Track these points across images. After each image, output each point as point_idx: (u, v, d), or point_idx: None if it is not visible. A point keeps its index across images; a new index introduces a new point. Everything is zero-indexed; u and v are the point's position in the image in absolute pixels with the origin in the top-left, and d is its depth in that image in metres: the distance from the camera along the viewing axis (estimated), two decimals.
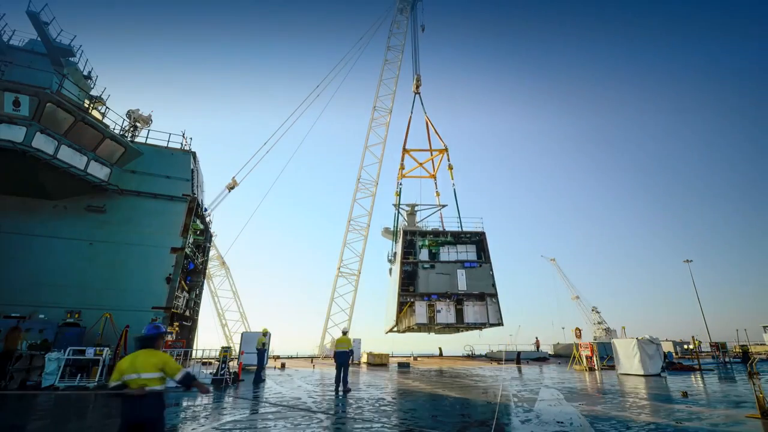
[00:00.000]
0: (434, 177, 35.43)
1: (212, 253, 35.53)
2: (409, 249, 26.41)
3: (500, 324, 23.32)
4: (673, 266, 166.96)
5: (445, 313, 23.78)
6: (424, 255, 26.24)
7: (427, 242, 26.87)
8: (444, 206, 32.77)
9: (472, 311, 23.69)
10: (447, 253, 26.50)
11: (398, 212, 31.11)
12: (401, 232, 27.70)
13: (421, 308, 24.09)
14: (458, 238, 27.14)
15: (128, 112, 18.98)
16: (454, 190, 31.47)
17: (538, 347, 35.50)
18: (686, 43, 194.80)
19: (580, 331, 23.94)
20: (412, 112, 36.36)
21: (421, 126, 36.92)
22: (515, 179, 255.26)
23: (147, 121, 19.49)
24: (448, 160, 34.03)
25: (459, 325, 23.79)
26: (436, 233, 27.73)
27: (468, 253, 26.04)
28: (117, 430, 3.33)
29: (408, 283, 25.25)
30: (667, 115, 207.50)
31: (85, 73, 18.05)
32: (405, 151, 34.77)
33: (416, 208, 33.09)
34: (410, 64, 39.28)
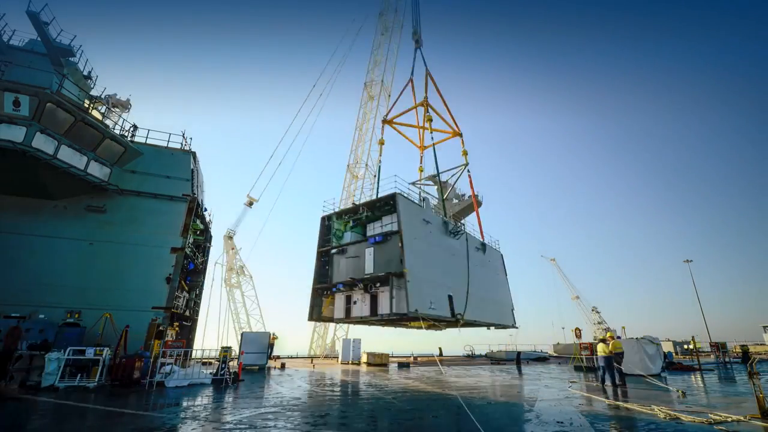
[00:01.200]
0: (459, 134, 29.82)
1: (238, 264, 35.38)
2: (326, 235, 22.28)
3: (409, 313, 16.82)
4: (673, 266, 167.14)
5: (360, 304, 19.14)
6: (347, 238, 21.64)
7: (343, 224, 22.39)
8: (465, 166, 28.86)
9: (385, 299, 18.03)
10: (372, 230, 21.41)
11: (377, 186, 24.76)
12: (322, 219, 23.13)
13: (339, 301, 20.28)
14: (374, 210, 21.06)
15: (105, 97, 18.31)
16: (434, 148, 27.41)
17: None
18: (686, 41, 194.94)
19: (580, 331, 23.80)
20: (413, 74, 30.88)
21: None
22: (515, 177, 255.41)
23: (126, 105, 19.11)
24: (430, 124, 28.85)
25: (373, 318, 18.60)
26: (347, 211, 22.64)
27: (392, 224, 19.88)
28: None
29: (324, 273, 21.65)
30: (666, 112, 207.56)
31: (85, 73, 18.03)
32: (386, 122, 29.64)
33: (437, 178, 28.22)
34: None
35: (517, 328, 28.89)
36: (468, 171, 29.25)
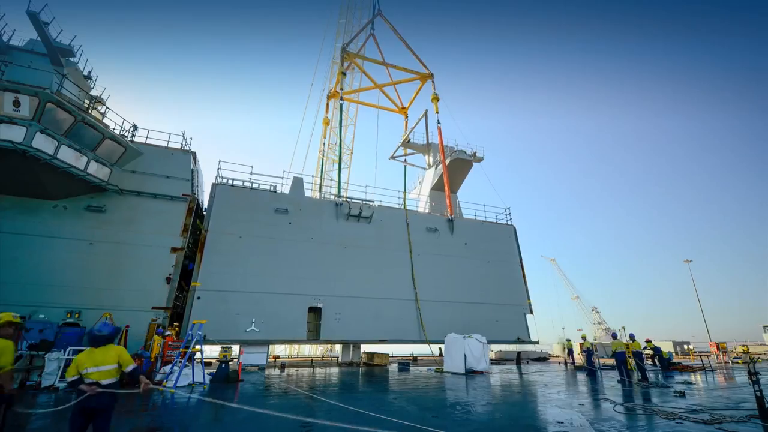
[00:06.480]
0: (430, 76, 27.85)
1: None
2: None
3: (191, 341, 12.23)
4: (673, 266, 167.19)
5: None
6: None
7: None
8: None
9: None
10: None
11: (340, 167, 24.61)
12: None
13: None
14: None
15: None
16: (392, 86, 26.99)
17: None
18: (688, 42, 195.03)
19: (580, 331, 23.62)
20: (372, 28, 29.95)
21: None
22: (513, 177, 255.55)
23: (101, 101, 18.84)
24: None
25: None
26: None
27: None
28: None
29: None
30: (666, 110, 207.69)
31: (85, 73, 18.05)
32: (348, 55, 26.43)
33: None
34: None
35: (534, 343, 21.45)
36: (438, 123, 26.08)
